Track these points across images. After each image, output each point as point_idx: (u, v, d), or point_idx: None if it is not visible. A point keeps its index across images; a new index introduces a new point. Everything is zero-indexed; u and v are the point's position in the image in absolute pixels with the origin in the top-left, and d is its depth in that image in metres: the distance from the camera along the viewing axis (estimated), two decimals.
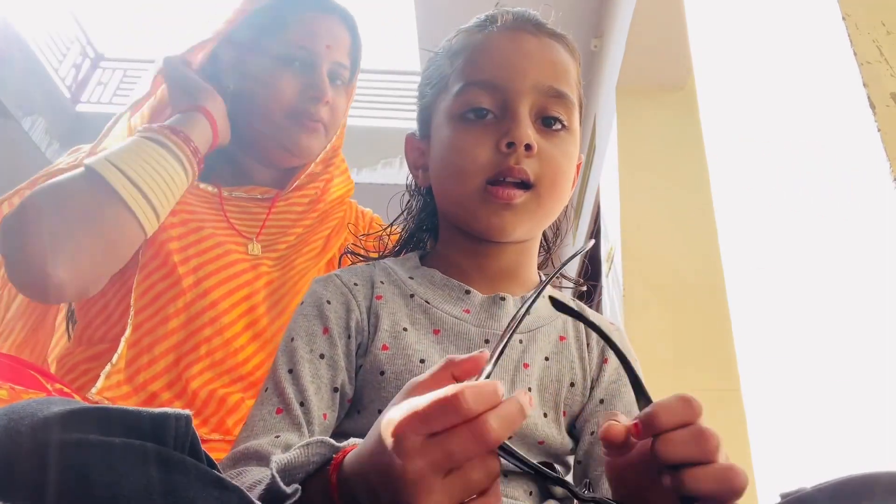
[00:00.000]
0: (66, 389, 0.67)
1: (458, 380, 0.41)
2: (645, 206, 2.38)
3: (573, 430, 0.65)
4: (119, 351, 0.84)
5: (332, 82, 0.98)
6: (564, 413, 0.64)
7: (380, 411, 0.58)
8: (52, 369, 0.93)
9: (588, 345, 0.68)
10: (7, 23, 4.72)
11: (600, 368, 0.67)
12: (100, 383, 0.81)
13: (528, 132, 0.63)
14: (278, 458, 0.46)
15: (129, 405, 0.81)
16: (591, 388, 0.66)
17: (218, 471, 0.39)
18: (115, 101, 5.59)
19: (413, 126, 0.77)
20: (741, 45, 1.34)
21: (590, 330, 0.69)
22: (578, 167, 0.74)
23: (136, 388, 0.84)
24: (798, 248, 1.05)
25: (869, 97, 0.84)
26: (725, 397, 1.91)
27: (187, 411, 0.38)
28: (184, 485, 0.35)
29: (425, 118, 0.73)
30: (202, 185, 0.97)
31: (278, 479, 0.43)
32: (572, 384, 0.64)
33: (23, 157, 4.90)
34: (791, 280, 1.07)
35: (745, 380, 1.22)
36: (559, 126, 0.67)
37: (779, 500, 0.42)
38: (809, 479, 0.42)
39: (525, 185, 0.64)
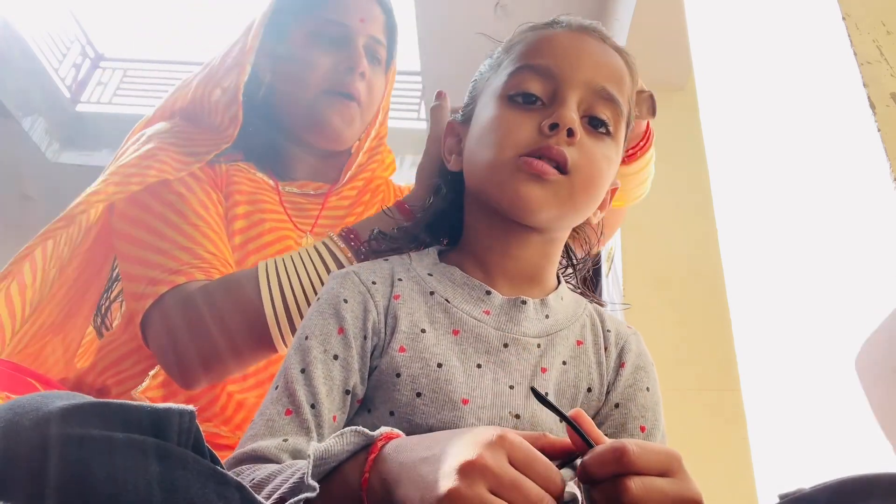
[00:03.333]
0: None
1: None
2: (645, 206, 2.37)
3: None
4: None
5: (369, 59, 0.96)
6: None
7: (391, 412, 0.59)
8: (90, 360, 0.94)
9: (606, 349, 0.68)
10: (7, 23, 4.73)
11: (617, 372, 0.66)
12: (144, 384, 0.82)
13: (574, 117, 0.62)
14: (316, 446, 0.46)
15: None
16: (608, 392, 0.65)
17: (221, 467, 0.39)
18: (115, 101, 5.60)
19: (414, 126, 0.76)
20: (741, 45, 1.34)
21: (607, 334, 0.69)
22: (613, 192, 0.73)
23: (173, 393, 0.85)
24: (798, 249, 1.05)
25: (869, 97, 0.84)
26: (725, 397, 1.91)
27: (191, 407, 0.38)
28: (184, 479, 0.35)
29: (471, 101, 0.72)
30: (259, 174, 0.96)
31: (309, 474, 0.44)
32: (589, 389, 0.64)
33: (23, 157, 4.90)
34: (791, 280, 1.07)
35: (745, 380, 1.22)
36: (604, 130, 0.66)
37: (777, 501, 0.42)
38: (809, 479, 0.42)
39: (561, 170, 0.62)
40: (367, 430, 0.47)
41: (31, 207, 5.33)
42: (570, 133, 0.62)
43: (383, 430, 0.47)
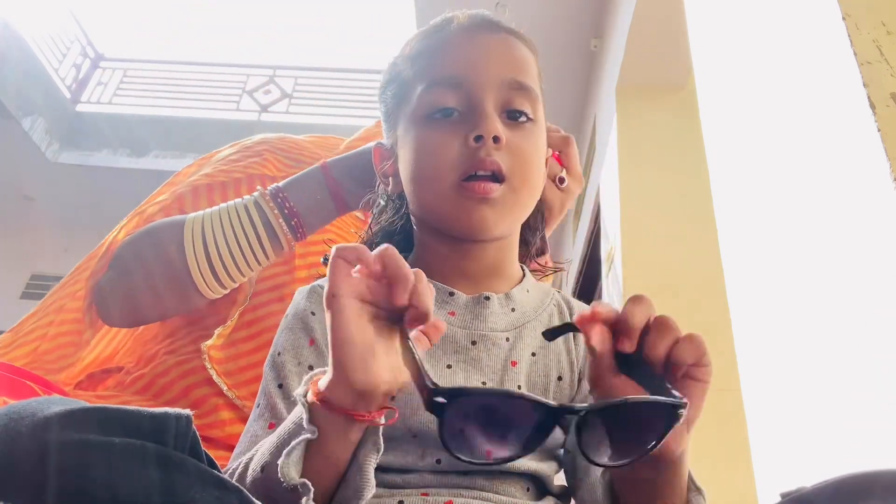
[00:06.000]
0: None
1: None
2: (645, 206, 2.38)
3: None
4: (232, 319, 0.89)
5: None
6: None
7: None
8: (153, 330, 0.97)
9: (574, 336, 0.68)
10: (7, 23, 4.73)
11: (585, 354, 0.66)
12: (211, 340, 0.87)
13: (496, 125, 0.64)
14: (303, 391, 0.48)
15: (221, 370, 0.86)
16: (579, 380, 0.65)
17: (219, 470, 0.39)
18: (115, 101, 5.60)
19: None
20: (741, 45, 1.34)
21: (573, 314, 0.69)
22: (557, 158, 0.75)
23: (229, 357, 0.89)
24: (798, 249, 1.05)
25: (869, 97, 0.84)
26: (725, 397, 1.91)
27: (188, 411, 0.38)
28: (184, 485, 0.35)
29: (390, 126, 0.73)
30: None
31: (306, 419, 0.46)
32: (560, 378, 0.64)
33: (23, 157, 4.90)
34: (791, 280, 1.07)
35: (745, 380, 1.22)
36: (524, 119, 0.67)
37: (779, 499, 0.42)
38: (809, 478, 0.42)
39: (497, 179, 0.64)
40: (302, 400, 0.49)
41: (31, 207, 5.33)
42: (496, 140, 0.63)
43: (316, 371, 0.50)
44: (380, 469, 0.57)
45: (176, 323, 0.94)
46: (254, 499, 0.39)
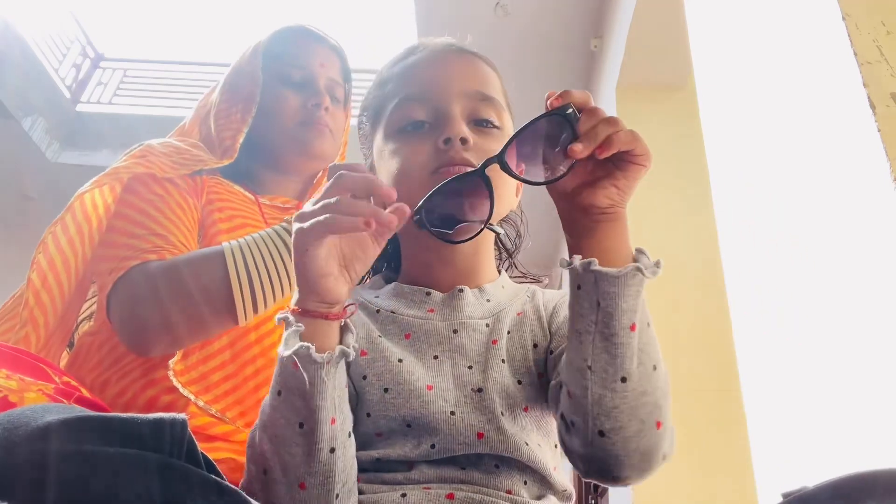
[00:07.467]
0: (73, 382, 0.67)
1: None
2: (644, 205, 2.38)
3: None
4: None
5: (330, 97, 1.08)
6: (540, 375, 0.67)
7: (368, 414, 0.63)
8: (94, 356, 0.95)
9: (544, 305, 0.73)
10: (7, 23, 4.73)
11: (552, 313, 0.71)
12: (178, 356, 0.87)
13: (462, 127, 0.68)
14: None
15: (183, 380, 0.86)
16: (551, 332, 0.69)
17: (217, 472, 0.39)
18: (115, 101, 5.59)
19: None
20: (741, 45, 1.34)
21: (547, 302, 0.73)
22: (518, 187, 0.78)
23: (189, 367, 0.88)
24: (798, 248, 1.05)
25: (869, 97, 0.84)
26: (725, 397, 1.91)
27: (182, 415, 0.38)
28: (184, 492, 0.35)
29: (367, 147, 0.79)
30: (236, 187, 1.05)
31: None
32: (535, 345, 0.68)
33: (23, 157, 4.90)
34: (791, 280, 1.07)
35: (745, 380, 1.22)
36: (491, 126, 0.71)
37: (781, 499, 0.42)
38: (810, 478, 0.42)
39: None
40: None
41: (31, 207, 5.32)
42: (464, 141, 0.67)
43: None
44: (381, 467, 0.61)
45: (119, 349, 0.92)
46: (252, 500, 0.39)
